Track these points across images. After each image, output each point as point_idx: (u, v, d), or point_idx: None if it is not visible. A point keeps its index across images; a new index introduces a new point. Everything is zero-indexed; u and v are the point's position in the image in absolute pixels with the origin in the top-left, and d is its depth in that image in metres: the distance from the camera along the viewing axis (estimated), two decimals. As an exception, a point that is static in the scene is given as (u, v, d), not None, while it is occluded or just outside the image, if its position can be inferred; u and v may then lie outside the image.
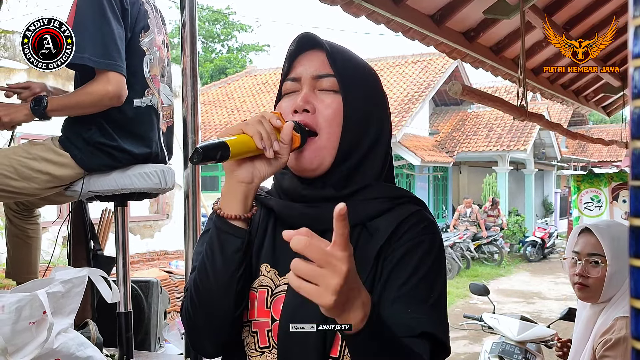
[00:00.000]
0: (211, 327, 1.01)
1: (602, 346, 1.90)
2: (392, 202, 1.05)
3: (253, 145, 0.94)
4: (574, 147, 25.12)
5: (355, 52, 1.13)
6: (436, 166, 17.81)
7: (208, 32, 31.21)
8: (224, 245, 0.97)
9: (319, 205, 1.03)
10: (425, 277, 0.99)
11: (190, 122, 2.13)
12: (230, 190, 0.98)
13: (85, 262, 2.54)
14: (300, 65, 1.07)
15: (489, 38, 4.18)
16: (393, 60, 19.60)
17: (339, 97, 1.04)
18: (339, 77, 1.04)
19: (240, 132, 0.95)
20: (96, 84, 2.00)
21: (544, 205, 22.08)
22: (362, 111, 1.06)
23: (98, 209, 2.98)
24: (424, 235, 1.02)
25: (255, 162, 0.98)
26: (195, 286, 1.00)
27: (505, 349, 4.27)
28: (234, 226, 0.97)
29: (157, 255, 8.40)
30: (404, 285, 0.97)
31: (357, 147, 1.05)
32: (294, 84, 1.07)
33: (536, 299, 10.55)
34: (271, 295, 1.03)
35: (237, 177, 0.97)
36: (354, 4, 2.91)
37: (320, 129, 1.03)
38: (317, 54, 1.07)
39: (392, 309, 0.96)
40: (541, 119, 4.45)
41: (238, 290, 0.98)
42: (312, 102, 1.04)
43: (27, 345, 1.60)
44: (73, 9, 2.00)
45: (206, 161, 0.89)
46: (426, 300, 0.97)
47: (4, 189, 2.03)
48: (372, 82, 1.11)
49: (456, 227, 14.71)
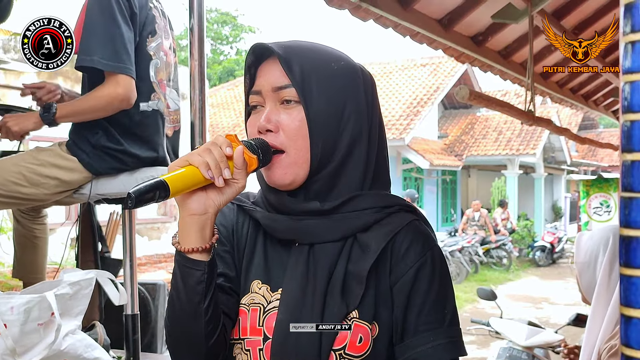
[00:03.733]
0: (186, 351, 1.00)
1: (608, 352, 1.90)
2: (383, 211, 1.02)
3: (200, 176, 0.90)
4: (584, 151, 24.99)
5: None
6: (445, 170, 17.77)
7: (217, 34, 31.30)
8: (185, 279, 0.94)
9: (304, 219, 1.01)
10: (438, 300, 0.99)
11: (198, 126, 2.15)
12: (184, 223, 0.94)
13: (93, 264, 2.57)
14: (260, 77, 1.03)
15: (497, 42, 4.18)
16: (402, 62, 19.58)
17: (302, 108, 0.99)
18: (296, 85, 0.99)
19: (186, 163, 0.91)
20: (106, 88, 2.01)
21: (553, 209, 21.97)
22: (329, 117, 1.00)
23: (106, 212, 3.00)
24: (425, 254, 1.00)
25: (208, 191, 0.93)
26: (167, 312, 1.00)
27: (512, 354, 4.26)
28: (193, 260, 0.94)
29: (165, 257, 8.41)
30: (420, 313, 0.98)
31: (331, 155, 1.00)
32: (257, 97, 1.03)
33: (545, 304, 10.51)
34: (263, 313, 1.01)
35: (189, 210, 0.93)
36: (361, 8, 2.92)
37: (287, 146, 0.99)
38: (275, 63, 1.01)
39: (416, 341, 0.97)
40: (549, 123, 4.44)
41: (207, 320, 0.96)
42: (273, 120, 1.00)
43: (36, 347, 1.62)
44: (83, 12, 2.02)
45: (143, 204, 0.86)
46: (442, 322, 0.98)
47: (14, 196, 2.05)
48: (341, 81, 1.02)
49: (465, 232, 14.66)
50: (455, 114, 20.40)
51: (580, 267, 2.06)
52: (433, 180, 17.88)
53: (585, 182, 6.94)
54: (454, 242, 12.98)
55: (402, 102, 16.99)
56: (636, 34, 0.37)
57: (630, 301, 0.40)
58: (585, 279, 2.06)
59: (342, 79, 1.02)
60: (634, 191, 0.39)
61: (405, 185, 16.75)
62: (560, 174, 21.57)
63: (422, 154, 15.59)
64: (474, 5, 3.48)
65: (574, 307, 8.49)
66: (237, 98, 20.43)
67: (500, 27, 3.87)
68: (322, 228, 1.00)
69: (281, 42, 1.04)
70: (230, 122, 18.61)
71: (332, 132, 1.00)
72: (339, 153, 1.01)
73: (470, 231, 14.57)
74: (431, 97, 16.94)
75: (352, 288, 0.97)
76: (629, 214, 0.39)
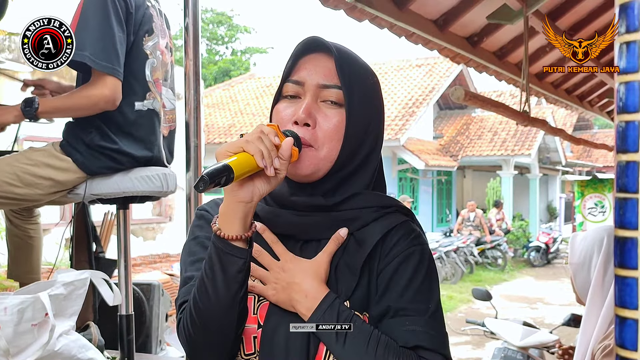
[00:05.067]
0: (213, 344, 0.99)
1: (601, 352, 1.90)
2: (380, 211, 1.05)
3: (254, 164, 0.92)
4: (579, 152, 25.06)
5: (361, 53, 1.10)
6: (440, 170, 17.80)
7: (212, 34, 31.25)
8: (225, 267, 0.94)
9: (306, 215, 1.03)
10: (420, 290, 1.00)
11: (193, 125, 2.15)
12: (229, 210, 0.95)
13: (87, 265, 2.56)
14: (304, 69, 1.03)
15: (493, 43, 4.19)
16: (397, 63, 19.60)
17: (342, 112, 1.02)
18: (345, 90, 1.02)
19: (240, 150, 0.92)
20: (92, 88, 2.00)
21: (548, 210, 22.03)
22: (363, 124, 1.04)
23: (100, 212, 3.00)
24: (414, 246, 1.02)
25: (255, 180, 0.95)
26: (195, 305, 0.98)
27: (507, 355, 4.27)
28: (236, 247, 0.94)
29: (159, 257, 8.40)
30: (400, 298, 0.99)
31: (353, 158, 1.04)
32: (296, 87, 1.03)
33: (540, 304, 10.53)
34: (257, 302, 1.03)
35: (237, 197, 0.94)
36: (357, 9, 2.92)
37: (320, 144, 1.01)
38: (324, 59, 1.03)
39: (390, 324, 0.98)
40: (544, 124, 4.45)
41: (240, 310, 0.97)
42: (314, 115, 1.02)
43: (29, 347, 1.62)
44: (79, 10, 2.02)
45: (212, 187, 0.88)
46: (423, 313, 0.99)
47: (8, 197, 2.04)
48: (376, 93, 1.08)
49: (460, 232, 14.68)
50: (450, 115, 20.44)
51: (574, 267, 2.06)
52: (428, 181, 17.90)
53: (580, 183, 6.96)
54: (449, 242, 12.99)
55: (398, 102, 17.01)
56: (631, 35, 0.37)
57: (624, 302, 0.40)
58: (579, 279, 2.06)
59: (375, 92, 1.08)
60: (628, 192, 0.39)
61: (400, 185, 16.76)
62: (555, 174, 21.63)
63: (417, 154, 15.61)
64: (469, 6, 3.49)
65: (568, 308, 8.51)
66: (233, 98, 20.41)
67: (496, 28, 3.88)
68: (322, 226, 1.03)
69: (333, 42, 1.05)
70: (225, 123, 18.58)
71: (361, 138, 1.04)
72: (359, 157, 1.05)
73: (465, 231, 14.59)
74: (426, 98, 16.96)
75: (345, 279, 1.00)
76: (623, 214, 0.39)
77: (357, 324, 0.96)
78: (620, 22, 0.37)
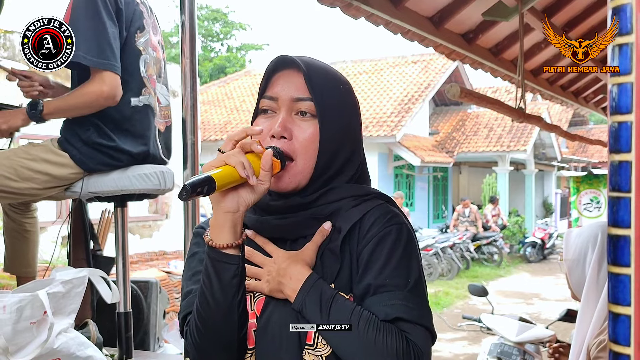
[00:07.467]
0: (220, 348, 1.06)
1: (597, 347, 1.91)
2: (357, 199, 1.11)
3: (237, 175, 0.98)
4: (574, 148, 25.10)
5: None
6: (436, 166, 17.82)
7: (207, 31, 31.17)
8: (220, 274, 1.01)
9: (288, 217, 1.11)
10: (399, 266, 1.04)
11: (190, 123, 2.15)
12: (218, 221, 1.01)
13: (85, 263, 2.56)
14: (278, 85, 1.11)
15: (488, 40, 4.19)
16: (393, 60, 19.59)
17: (316, 122, 1.09)
18: (316, 101, 1.08)
19: (222, 163, 0.99)
20: (91, 85, 2.02)
21: (544, 205, 22.07)
22: (338, 133, 1.11)
23: (97, 210, 3.00)
24: (390, 225, 1.07)
25: (240, 191, 1.01)
26: (198, 314, 1.04)
27: (503, 350, 4.28)
28: (227, 254, 1.01)
29: (156, 255, 8.39)
30: (379, 275, 1.03)
31: (331, 165, 1.11)
32: (271, 102, 1.11)
33: (535, 300, 10.56)
34: (254, 298, 1.10)
35: (224, 208, 1.01)
36: (353, 6, 2.92)
37: (297, 155, 1.08)
38: (295, 74, 1.10)
39: (372, 301, 1.02)
40: (539, 120, 4.47)
41: (240, 313, 1.03)
42: (289, 128, 1.09)
43: (28, 345, 1.62)
44: (69, 10, 2.02)
45: (194, 196, 0.94)
46: (402, 287, 1.03)
47: (5, 190, 2.05)
48: (348, 100, 1.15)
49: (456, 228, 14.72)
50: (446, 111, 20.44)
51: (569, 264, 2.07)
52: (424, 177, 17.92)
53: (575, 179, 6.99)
54: (445, 238, 13.02)
55: (393, 99, 17.01)
56: (623, 37, 0.37)
57: (617, 298, 0.41)
58: (574, 275, 2.07)
59: (348, 99, 1.15)
60: (621, 191, 0.39)
61: (396, 182, 16.77)
62: (550, 170, 21.66)
63: (413, 150, 15.61)
64: (465, 3, 3.49)
65: (564, 303, 8.55)
66: (228, 95, 20.37)
67: (491, 25, 3.89)
68: (304, 224, 1.10)
69: (301, 57, 1.12)
70: (221, 120, 18.55)
71: (337, 146, 1.11)
72: (337, 162, 1.12)
73: (461, 227, 14.62)
74: (422, 94, 16.97)
75: (330, 263, 1.07)
76: (616, 213, 0.40)
77: (339, 302, 1.02)
78: (613, 26, 0.37)
